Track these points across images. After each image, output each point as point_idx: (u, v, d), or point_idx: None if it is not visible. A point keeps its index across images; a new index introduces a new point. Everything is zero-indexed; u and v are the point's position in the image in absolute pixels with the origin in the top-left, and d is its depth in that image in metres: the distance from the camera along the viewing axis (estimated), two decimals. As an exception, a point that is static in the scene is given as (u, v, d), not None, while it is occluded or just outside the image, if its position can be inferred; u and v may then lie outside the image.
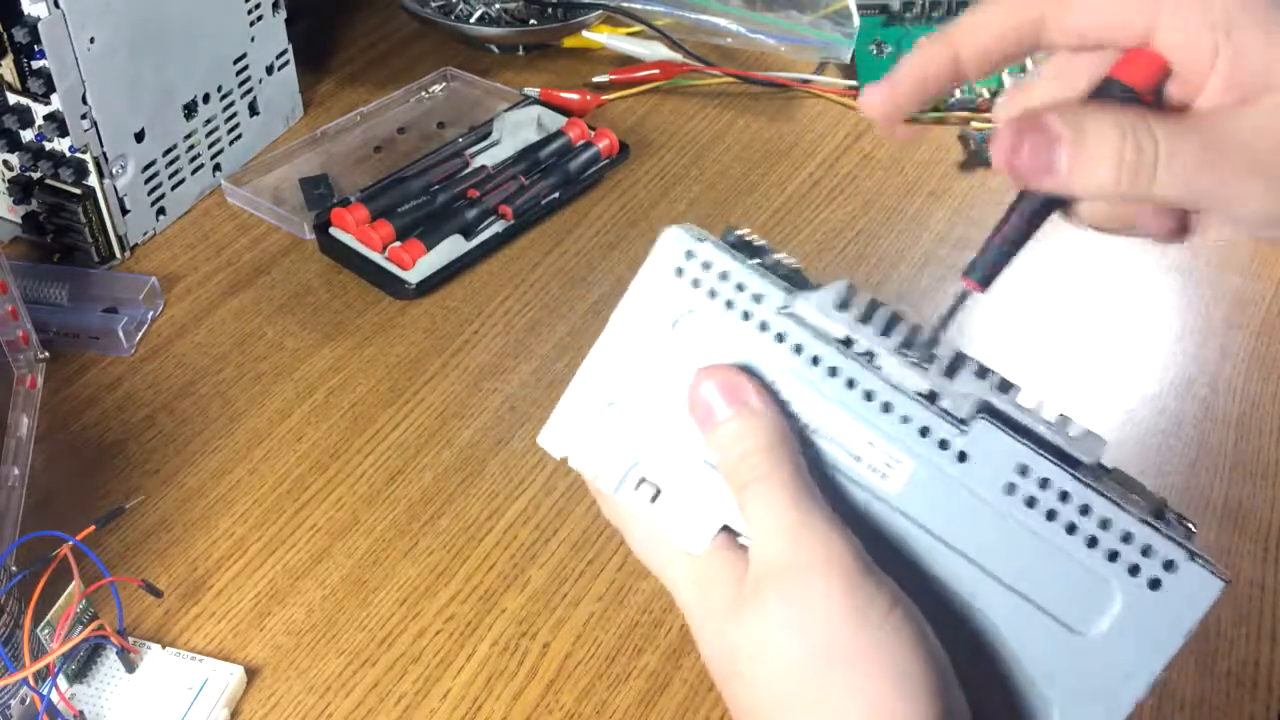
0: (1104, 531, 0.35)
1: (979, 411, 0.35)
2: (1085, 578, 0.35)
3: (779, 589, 0.34)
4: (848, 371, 0.36)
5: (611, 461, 0.38)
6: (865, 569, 0.34)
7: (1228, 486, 0.62)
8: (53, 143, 0.70)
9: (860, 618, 0.33)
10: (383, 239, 0.73)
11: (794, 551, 0.34)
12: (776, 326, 0.37)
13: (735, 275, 0.37)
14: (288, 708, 0.52)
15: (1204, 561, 0.34)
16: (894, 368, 0.36)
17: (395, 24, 0.98)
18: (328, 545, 0.58)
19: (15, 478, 0.58)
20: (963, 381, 0.36)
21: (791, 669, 0.33)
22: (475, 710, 0.52)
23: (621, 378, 0.38)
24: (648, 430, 0.38)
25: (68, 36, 0.65)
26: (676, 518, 0.37)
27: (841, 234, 0.78)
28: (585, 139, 0.82)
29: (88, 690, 0.51)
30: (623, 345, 0.38)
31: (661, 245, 0.37)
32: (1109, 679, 0.35)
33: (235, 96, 0.80)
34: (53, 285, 0.70)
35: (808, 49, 0.92)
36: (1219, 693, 0.53)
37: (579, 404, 0.39)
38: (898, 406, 0.36)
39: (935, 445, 0.36)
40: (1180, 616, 0.34)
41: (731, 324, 0.37)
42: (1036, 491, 0.35)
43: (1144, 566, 0.34)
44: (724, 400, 0.36)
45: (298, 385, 0.67)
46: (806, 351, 0.36)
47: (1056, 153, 0.33)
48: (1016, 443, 0.35)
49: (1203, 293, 0.74)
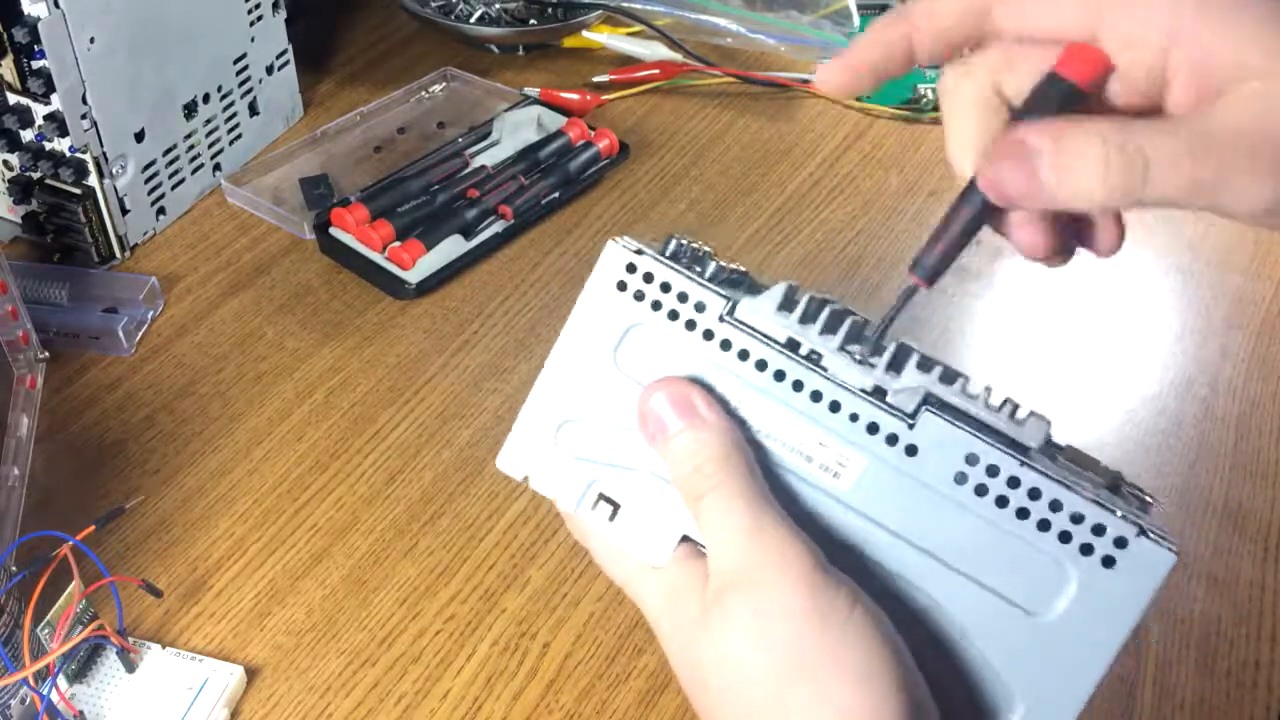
0: (1055, 514, 0.35)
1: (924, 404, 0.36)
2: (1039, 561, 0.35)
3: (738, 598, 0.34)
4: (793, 373, 0.36)
5: (569, 481, 0.39)
6: (823, 572, 0.34)
7: (1228, 486, 0.62)
8: (53, 143, 0.70)
9: (821, 622, 0.33)
10: (383, 239, 0.73)
11: (752, 560, 0.34)
12: (721, 334, 0.37)
13: (677, 285, 0.37)
14: (288, 708, 0.52)
15: (1156, 536, 0.34)
16: (839, 366, 0.36)
17: (395, 24, 0.98)
18: (328, 545, 0.58)
19: (15, 478, 0.58)
20: (907, 375, 0.36)
21: (756, 679, 0.33)
22: (475, 710, 0.52)
23: (573, 396, 0.39)
24: (602, 447, 0.38)
25: (68, 36, 0.65)
26: (637, 532, 0.38)
27: (841, 234, 0.78)
28: (585, 139, 0.82)
29: (88, 690, 0.51)
30: (572, 362, 0.39)
31: (603, 260, 0.38)
32: (1069, 660, 0.35)
33: (235, 96, 0.80)
34: (53, 285, 0.70)
35: (808, 49, 0.92)
36: (1219, 693, 0.53)
37: (534, 425, 0.39)
38: (845, 405, 0.36)
39: (884, 441, 0.36)
40: (1135, 592, 0.35)
41: (677, 335, 0.37)
42: (985, 479, 0.35)
43: (1096, 546, 0.35)
44: (674, 413, 0.36)
45: (298, 385, 0.67)
46: (752, 357, 0.37)
47: (1039, 168, 0.33)
48: (963, 432, 0.35)
49: (1203, 293, 0.74)
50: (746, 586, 0.34)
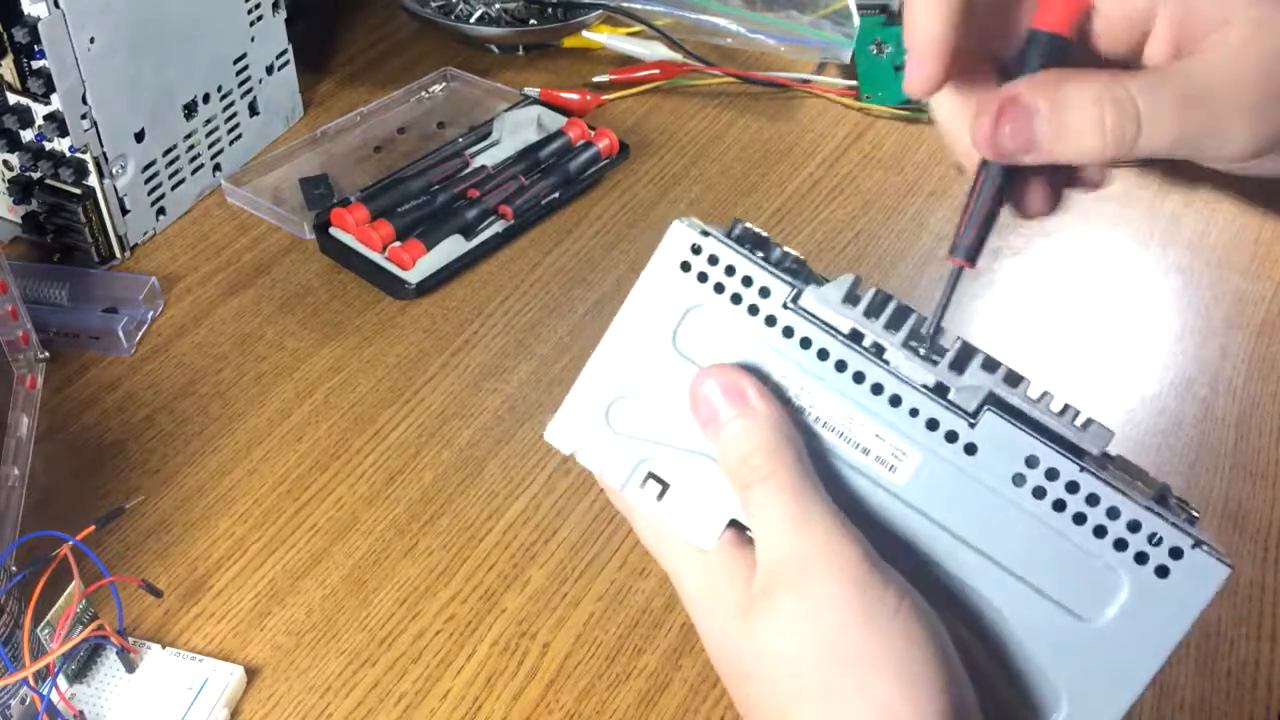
0: (1111, 521, 0.35)
1: (986, 404, 0.36)
2: (1093, 566, 0.35)
3: (786, 591, 0.34)
4: (855, 365, 0.36)
5: (618, 457, 0.38)
6: (871, 566, 0.34)
7: (1228, 486, 0.62)
8: (53, 143, 0.70)
9: (867, 617, 0.33)
10: (383, 239, 0.73)
11: (798, 552, 0.34)
12: (783, 320, 0.37)
13: (741, 269, 0.37)
14: (288, 708, 0.52)
15: (1209, 549, 0.34)
16: (902, 361, 0.36)
17: (395, 24, 0.98)
18: (328, 545, 0.58)
19: (15, 478, 0.58)
20: (970, 374, 0.36)
21: (800, 670, 0.33)
22: (475, 710, 0.52)
23: (628, 373, 0.38)
24: (655, 426, 0.38)
25: (68, 36, 0.65)
26: (685, 514, 0.37)
27: (841, 234, 0.78)
28: (585, 139, 0.82)
29: (88, 690, 0.51)
30: (629, 340, 0.38)
31: (668, 240, 0.37)
32: (1117, 666, 0.35)
33: (235, 96, 0.80)
34: (53, 285, 0.70)
35: (808, 49, 0.92)
36: (1219, 693, 0.53)
37: (586, 399, 0.38)
38: (906, 399, 0.36)
39: (943, 438, 0.36)
40: (1187, 603, 0.35)
41: (738, 318, 0.37)
42: (1044, 482, 0.35)
43: (1151, 555, 0.35)
44: (726, 400, 0.36)
45: (298, 385, 0.67)
46: (814, 345, 0.36)
47: (1036, 125, 0.33)
48: (1024, 434, 0.35)
49: (1203, 293, 0.74)
50: (793, 579, 0.34)
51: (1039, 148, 0.33)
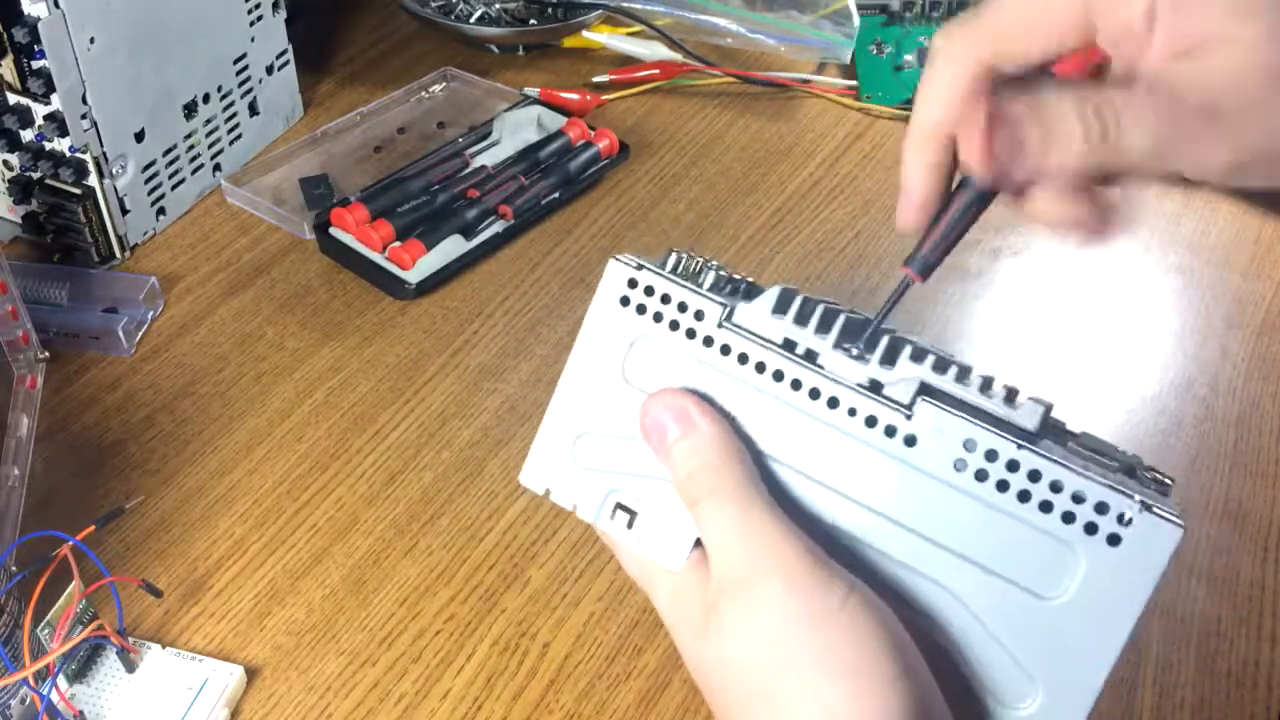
0: (1056, 494, 0.35)
1: (920, 394, 0.36)
2: (1046, 544, 0.35)
3: (732, 601, 0.35)
4: (791, 373, 0.37)
5: (588, 492, 0.40)
6: (814, 565, 0.34)
7: (1228, 486, 0.62)
8: (53, 143, 0.70)
9: (807, 617, 0.33)
10: (383, 239, 0.73)
11: (743, 561, 0.35)
12: (720, 340, 0.38)
13: (676, 296, 0.38)
14: (288, 708, 0.52)
15: (1161, 511, 0.35)
16: (835, 363, 0.37)
17: (395, 24, 0.98)
18: (328, 545, 0.58)
19: (15, 478, 0.58)
20: (901, 367, 0.37)
21: (747, 676, 0.34)
22: (475, 710, 0.52)
23: (586, 410, 0.40)
24: (617, 458, 0.39)
25: (68, 36, 0.65)
26: (653, 539, 0.39)
27: (841, 234, 0.78)
28: (585, 139, 0.82)
29: (88, 690, 0.51)
30: (583, 378, 0.40)
31: (606, 277, 0.39)
32: (1084, 641, 0.35)
33: (235, 96, 0.80)
34: (53, 285, 0.70)
35: (808, 49, 0.92)
36: (1219, 693, 0.53)
37: (552, 439, 0.40)
38: (843, 400, 0.37)
39: (883, 433, 0.36)
40: (1144, 568, 0.35)
41: (679, 344, 0.38)
42: (985, 464, 0.36)
43: (1100, 524, 0.35)
44: (671, 422, 0.37)
45: (298, 385, 0.67)
46: (751, 359, 0.38)
47: (1024, 135, 0.33)
48: (959, 419, 0.36)
49: (1203, 293, 0.74)
50: (738, 588, 0.35)
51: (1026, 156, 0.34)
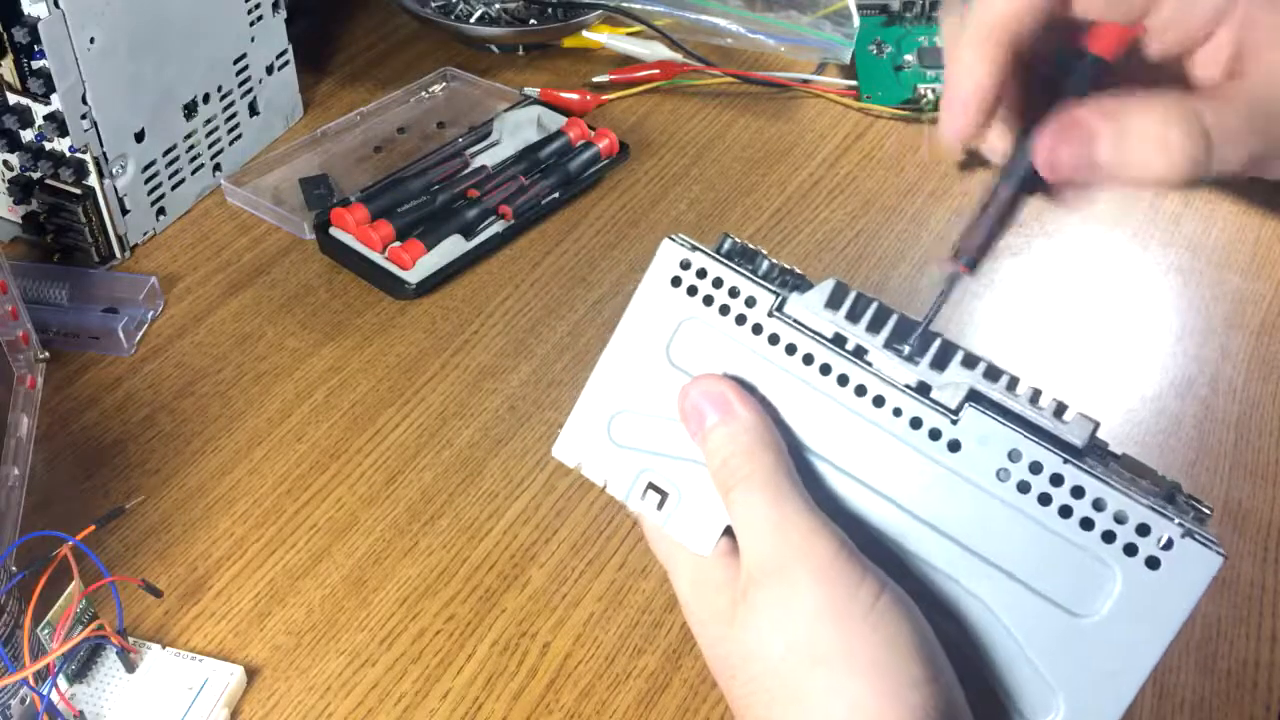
0: (1099, 513, 0.35)
1: (968, 400, 0.36)
2: (1083, 560, 0.35)
3: (763, 591, 0.34)
4: (839, 368, 0.37)
5: (620, 469, 0.39)
6: (847, 561, 0.34)
7: (1228, 486, 0.62)
8: (53, 143, 0.70)
9: (840, 613, 0.33)
10: (383, 239, 0.73)
11: (775, 553, 0.35)
12: (770, 328, 0.38)
13: (729, 281, 0.38)
14: (288, 708, 0.52)
15: (1202, 538, 0.34)
16: (884, 362, 0.37)
17: (395, 24, 0.98)
18: (328, 545, 0.58)
19: (15, 478, 0.58)
20: (951, 372, 0.36)
21: (776, 669, 0.34)
22: (475, 710, 0.52)
23: (627, 387, 0.39)
24: (654, 437, 0.39)
25: (68, 36, 0.65)
26: (683, 522, 0.38)
27: (841, 234, 0.78)
28: (585, 139, 0.82)
29: (88, 690, 0.51)
30: (627, 355, 0.39)
31: (659, 257, 0.39)
32: (1113, 662, 0.35)
33: (235, 96, 0.80)
34: (53, 285, 0.70)
35: (808, 49, 0.92)
36: (1219, 693, 0.53)
37: (589, 414, 0.40)
38: (889, 400, 0.36)
39: (927, 436, 0.36)
40: (1181, 594, 0.34)
41: (727, 328, 0.38)
42: (1028, 476, 0.35)
43: (1141, 546, 0.34)
44: (710, 407, 0.37)
45: (298, 385, 0.67)
46: (799, 351, 0.37)
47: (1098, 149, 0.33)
48: (1006, 428, 0.35)
49: (1203, 293, 0.74)
50: (770, 579, 0.34)
51: (1099, 171, 0.33)
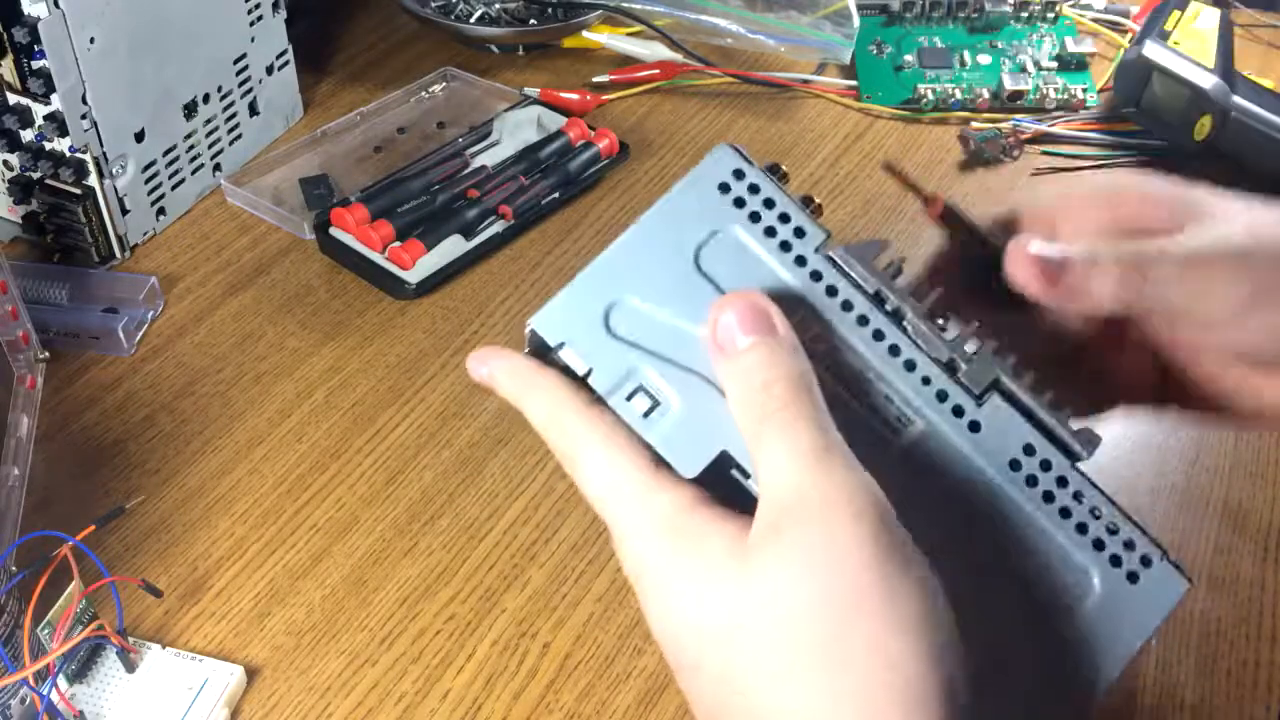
0: (1094, 520, 0.36)
1: (992, 387, 0.36)
2: (1070, 560, 0.36)
3: (804, 526, 0.32)
4: (876, 323, 0.36)
5: (610, 360, 0.36)
6: (887, 518, 0.32)
7: (1228, 486, 0.62)
8: (53, 143, 0.70)
9: (883, 567, 0.31)
10: (383, 239, 0.73)
11: (816, 487, 0.32)
12: (813, 264, 0.37)
13: (780, 204, 0.37)
14: (288, 708, 0.52)
15: (1175, 564, 0.36)
16: (919, 331, 0.36)
17: (395, 24, 0.98)
18: (328, 545, 0.58)
19: (15, 478, 0.58)
20: (981, 358, 0.37)
21: (814, 614, 0.31)
22: (475, 710, 0.52)
23: (639, 276, 0.36)
24: (656, 338, 0.36)
25: (68, 36, 0.65)
26: (673, 435, 0.35)
27: (842, 234, 0.78)
28: (585, 139, 0.82)
29: (88, 690, 0.51)
30: (649, 245, 0.37)
31: (711, 159, 0.37)
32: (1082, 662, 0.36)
33: (235, 96, 0.80)
34: (53, 285, 0.70)
35: (808, 49, 0.92)
36: (1219, 693, 0.53)
37: (587, 294, 0.36)
38: (920, 367, 0.36)
39: (950, 411, 0.36)
40: (1150, 611, 0.36)
41: (768, 252, 0.37)
42: (1038, 472, 0.36)
43: (1125, 560, 0.36)
44: (751, 324, 0.34)
45: (298, 385, 0.67)
46: (840, 295, 0.36)
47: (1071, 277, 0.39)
48: (1025, 423, 0.36)
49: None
50: (811, 515, 0.32)
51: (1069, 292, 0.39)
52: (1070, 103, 0.87)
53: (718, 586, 0.32)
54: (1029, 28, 0.94)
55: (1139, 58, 0.81)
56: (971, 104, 0.88)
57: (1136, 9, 0.97)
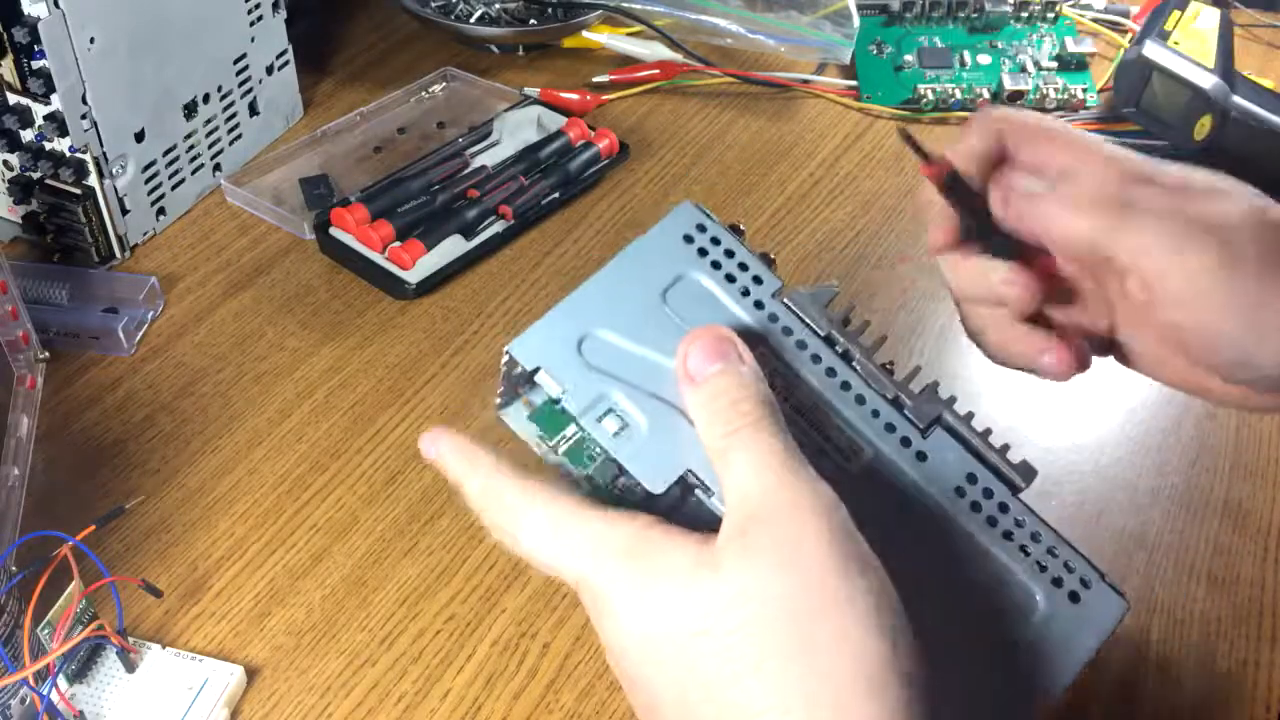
0: (1035, 544, 0.39)
1: (936, 423, 0.40)
2: (1014, 584, 0.39)
3: (772, 528, 0.34)
4: (828, 361, 0.40)
5: (584, 384, 0.39)
6: (847, 521, 0.34)
7: (1228, 486, 0.62)
8: (53, 143, 0.70)
9: (845, 565, 0.33)
10: (383, 239, 0.73)
11: (784, 494, 0.34)
12: (769, 308, 0.40)
13: (740, 255, 0.41)
14: (288, 708, 0.52)
15: (1113, 584, 0.39)
16: (867, 370, 0.40)
17: (395, 24, 0.98)
18: (328, 545, 0.58)
19: (15, 478, 0.58)
20: (924, 396, 0.40)
21: (781, 612, 0.33)
22: (475, 710, 0.52)
23: (612, 310, 0.40)
24: (626, 367, 0.39)
25: (68, 36, 0.65)
26: (641, 454, 0.38)
27: (842, 234, 0.78)
28: (585, 139, 0.82)
29: (88, 690, 0.51)
30: (621, 283, 0.40)
31: (676, 213, 0.42)
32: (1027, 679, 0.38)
33: (235, 96, 0.80)
34: (53, 285, 0.70)
35: (808, 49, 0.92)
36: (1219, 693, 0.53)
37: (562, 324, 0.39)
38: (869, 401, 0.40)
39: (898, 441, 0.40)
40: (1092, 631, 0.38)
41: (730, 295, 0.40)
42: (981, 499, 0.39)
43: (1066, 580, 0.39)
44: (715, 354, 0.37)
45: (298, 385, 0.67)
46: (794, 335, 0.40)
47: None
48: (967, 455, 0.40)
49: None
50: (778, 518, 0.34)
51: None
52: (1070, 103, 0.88)
53: (684, 595, 0.34)
54: (1029, 28, 0.94)
55: (1139, 58, 0.81)
56: (971, 104, 0.88)
57: (1136, 9, 0.97)
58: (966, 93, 0.88)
